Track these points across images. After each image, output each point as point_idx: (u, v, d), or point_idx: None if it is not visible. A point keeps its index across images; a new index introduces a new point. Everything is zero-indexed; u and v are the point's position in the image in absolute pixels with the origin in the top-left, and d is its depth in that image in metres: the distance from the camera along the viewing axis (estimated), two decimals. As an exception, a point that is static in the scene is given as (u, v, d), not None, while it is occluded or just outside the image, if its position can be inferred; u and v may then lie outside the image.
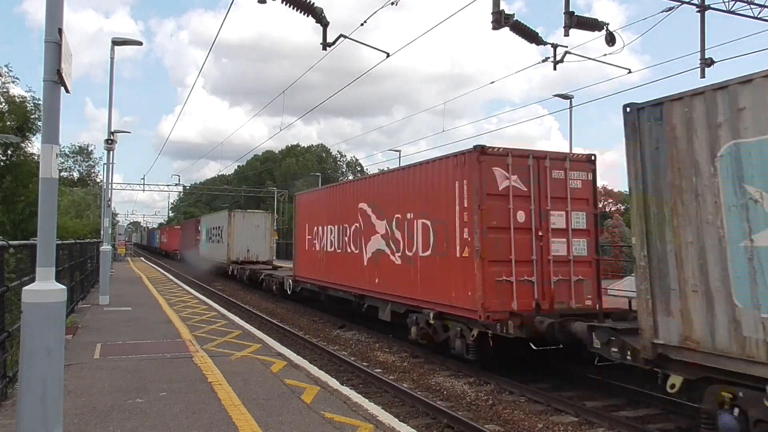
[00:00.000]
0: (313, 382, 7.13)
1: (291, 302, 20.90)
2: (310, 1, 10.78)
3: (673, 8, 12.25)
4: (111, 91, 17.33)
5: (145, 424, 5.43)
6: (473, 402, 8.76)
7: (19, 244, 7.23)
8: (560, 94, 22.36)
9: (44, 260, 4.37)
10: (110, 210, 21.58)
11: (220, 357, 8.46)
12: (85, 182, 66.72)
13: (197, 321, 12.22)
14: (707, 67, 12.28)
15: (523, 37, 11.45)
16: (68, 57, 4.56)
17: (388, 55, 12.58)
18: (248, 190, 66.70)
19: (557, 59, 12.73)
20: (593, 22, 11.52)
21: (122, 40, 16.96)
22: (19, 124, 24.05)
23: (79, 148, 72.57)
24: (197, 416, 5.68)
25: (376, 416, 5.86)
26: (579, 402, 8.49)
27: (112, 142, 17.98)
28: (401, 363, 11.41)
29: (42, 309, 4.28)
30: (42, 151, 4.45)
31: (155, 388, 6.71)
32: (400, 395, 8.93)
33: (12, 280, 6.70)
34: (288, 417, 5.71)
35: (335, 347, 13.09)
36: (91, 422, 5.46)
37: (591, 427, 7.64)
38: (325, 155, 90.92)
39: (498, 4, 10.17)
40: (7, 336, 6.35)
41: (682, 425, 7.70)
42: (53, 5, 4.37)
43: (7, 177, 24.53)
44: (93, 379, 7.11)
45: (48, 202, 4.41)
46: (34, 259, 4.59)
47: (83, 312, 13.71)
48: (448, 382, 9.87)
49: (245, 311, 18.97)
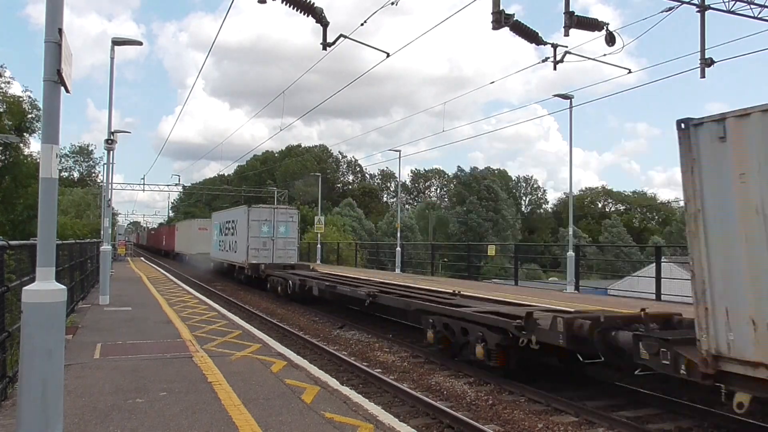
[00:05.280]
0: (313, 382, 7.13)
1: (291, 303, 20.93)
2: (310, 1, 10.79)
3: (673, 8, 12.26)
4: (111, 90, 17.35)
5: (145, 424, 5.43)
6: (473, 402, 8.76)
7: (19, 244, 7.23)
8: (560, 94, 22.30)
9: (44, 260, 4.37)
10: (110, 210, 21.57)
11: (220, 357, 8.46)
12: (85, 182, 66.75)
13: (197, 321, 12.22)
14: (707, 67, 12.28)
15: (524, 37, 11.46)
16: (68, 57, 4.56)
17: (388, 55, 12.61)
18: (248, 190, 66.71)
19: (557, 59, 12.73)
20: (593, 22, 11.52)
21: (122, 40, 16.94)
22: (16, 125, 24.05)
23: (79, 148, 72.62)
24: (197, 416, 5.68)
25: (376, 416, 5.86)
26: (579, 402, 8.48)
27: (112, 142, 17.97)
28: (401, 363, 11.41)
29: (42, 309, 4.27)
30: (42, 151, 4.45)
31: (155, 388, 6.71)
32: (400, 395, 8.93)
33: (12, 280, 6.70)
34: (288, 417, 5.71)
35: (335, 347, 13.09)
36: (91, 422, 5.46)
37: (591, 427, 7.63)
38: (325, 155, 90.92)
39: (498, 4, 10.17)
40: (7, 336, 6.35)
41: (682, 425, 7.70)
42: (53, 5, 4.37)
43: (6, 177, 24.54)
44: (93, 379, 7.11)
45: (48, 202, 4.40)
46: (34, 259, 4.58)
47: (83, 312, 13.70)
48: (448, 382, 9.87)
49: (245, 311, 18.98)
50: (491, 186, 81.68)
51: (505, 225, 78.77)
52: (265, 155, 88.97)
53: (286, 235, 26.23)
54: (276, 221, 26.02)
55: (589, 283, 33.19)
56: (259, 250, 25.53)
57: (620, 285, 33.98)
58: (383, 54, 12.65)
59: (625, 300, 17.18)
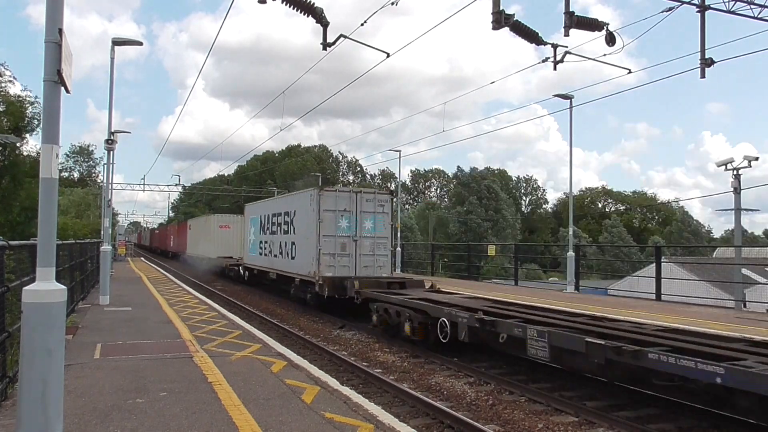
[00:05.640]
0: (313, 382, 7.13)
1: (291, 303, 20.92)
2: (310, 1, 10.78)
3: (673, 8, 12.24)
4: (111, 91, 17.35)
5: (146, 425, 5.43)
6: (473, 402, 8.76)
7: (19, 245, 7.23)
8: (560, 94, 22.31)
9: (44, 260, 4.37)
10: (110, 210, 21.57)
11: (221, 357, 8.46)
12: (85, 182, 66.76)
13: (197, 321, 12.22)
14: (707, 68, 12.28)
15: (524, 38, 11.44)
16: (68, 57, 4.56)
17: (388, 55, 12.61)
18: (248, 191, 66.75)
19: (557, 59, 12.73)
20: (593, 22, 11.51)
21: (122, 40, 16.96)
22: (15, 124, 24.03)
23: (79, 148, 72.63)
24: (197, 416, 5.68)
25: (376, 416, 5.86)
26: (579, 402, 8.49)
27: (112, 142, 17.97)
28: (401, 363, 11.41)
29: (42, 309, 4.27)
30: (42, 151, 4.45)
31: (155, 388, 6.71)
32: (401, 395, 8.93)
33: (12, 280, 6.70)
34: (288, 417, 5.71)
35: (335, 347, 13.09)
36: (91, 422, 5.46)
37: (591, 427, 7.63)
38: (325, 155, 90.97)
39: (498, 4, 10.16)
40: (7, 336, 6.35)
41: (682, 425, 7.69)
42: (53, 5, 4.37)
43: (6, 177, 24.53)
44: (93, 379, 7.11)
45: (48, 202, 4.40)
46: (34, 260, 4.58)
47: (83, 312, 13.70)
48: (448, 382, 9.87)
49: (245, 311, 18.98)
50: (491, 186, 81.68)
51: (505, 225, 78.74)
52: (266, 155, 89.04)
53: (375, 233, 17.84)
54: (360, 212, 17.61)
55: (589, 283, 33.22)
56: (335, 257, 17.24)
57: (620, 285, 34.02)
58: (383, 54, 12.65)
59: (625, 300, 17.20)
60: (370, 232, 17.75)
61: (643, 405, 8.43)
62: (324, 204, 17.28)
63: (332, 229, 17.30)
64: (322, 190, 17.69)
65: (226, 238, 33.90)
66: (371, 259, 17.73)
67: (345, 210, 17.51)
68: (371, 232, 17.78)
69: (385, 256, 18.11)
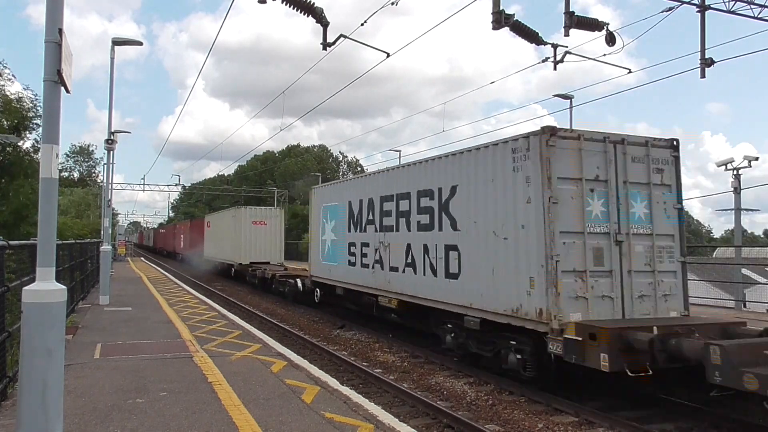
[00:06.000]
0: (313, 382, 7.13)
1: (291, 303, 20.92)
2: (311, 1, 10.77)
3: (673, 8, 12.24)
4: (111, 91, 17.39)
5: (146, 424, 5.43)
6: (473, 402, 8.76)
7: (19, 245, 7.23)
8: (560, 95, 22.36)
9: (44, 260, 4.37)
10: (110, 210, 21.57)
11: (221, 357, 8.46)
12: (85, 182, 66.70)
13: (197, 321, 12.22)
14: (707, 68, 12.28)
15: (524, 37, 11.44)
16: (68, 57, 4.55)
17: (389, 55, 12.58)
18: (248, 190, 66.70)
19: (557, 59, 12.72)
20: (593, 22, 11.50)
21: (122, 40, 16.97)
22: (13, 124, 23.97)
23: (79, 148, 72.59)
24: (197, 416, 5.68)
25: (376, 416, 5.86)
26: (579, 402, 8.48)
27: (112, 142, 17.99)
28: (401, 363, 11.41)
29: (42, 309, 4.27)
30: (42, 151, 4.45)
31: (155, 388, 6.71)
32: (401, 395, 8.93)
33: (12, 280, 6.69)
34: (288, 417, 5.71)
35: (335, 347, 13.09)
36: (91, 422, 5.46)
37: (591, 427, 7.64)
38: (325, 155, 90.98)
39: (498, 4, 10.16)
40: (7, 336, 6.35)
41: (682, 425, 7.69)
42: (53, 5, 4.36)
43: (5, 177, 24.48)
44: (93, 379, 7.11)
45: (48, 202, 4.40)
46: (34, 259, 4.58)
47: (83, 312, 13.70)
48: (448, 382, 9.87)
49: (245, 311, 18.97)
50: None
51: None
52: (266, 155, 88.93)
53: (652, 227, 9.36)
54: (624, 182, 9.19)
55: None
56: (586, 279, 8.64)
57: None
58: (383, 54, 12.63)
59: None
60: (642, 224, 9.34)
61: (643, 405, 8.44)
62: (557, 166, 8.69)
63: (575, 221, 8.78)
64: (550, 135, 8.67)
65: (260, 238, 27.80)
66: (649, 283, 9.23)
67: (597, 179, 9.06)
68: (645, 225, 9.36)
69: (672, 272, 9.48)
